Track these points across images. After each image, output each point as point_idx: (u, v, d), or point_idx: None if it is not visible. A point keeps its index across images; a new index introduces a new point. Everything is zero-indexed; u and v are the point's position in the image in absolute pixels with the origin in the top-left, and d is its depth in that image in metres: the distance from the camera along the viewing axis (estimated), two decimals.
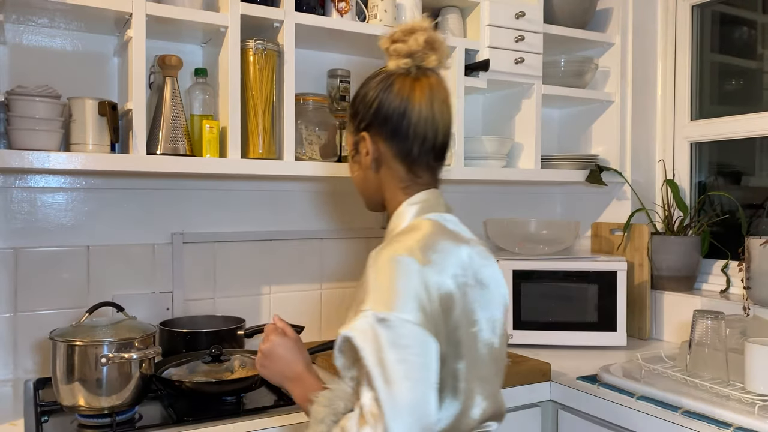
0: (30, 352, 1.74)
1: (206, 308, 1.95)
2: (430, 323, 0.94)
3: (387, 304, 0.92)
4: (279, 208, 2.07)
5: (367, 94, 1.12)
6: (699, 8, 2.28)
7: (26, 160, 1.45)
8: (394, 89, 1.09)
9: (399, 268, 0.96)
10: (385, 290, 0.94)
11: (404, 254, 0.97)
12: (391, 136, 1.10)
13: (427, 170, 1.13)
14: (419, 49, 1.09)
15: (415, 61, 1.10)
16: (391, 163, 1.12)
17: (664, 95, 2.34)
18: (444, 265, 1.00)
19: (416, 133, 1.09)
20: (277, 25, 1.72)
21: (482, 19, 2.00)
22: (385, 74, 1.12)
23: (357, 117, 1.13)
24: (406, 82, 1.09)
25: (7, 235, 1.72)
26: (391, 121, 1.09)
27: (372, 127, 1.11)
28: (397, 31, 1.11)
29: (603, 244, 2.33)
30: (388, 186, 1.13)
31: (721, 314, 1.58)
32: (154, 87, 1.71)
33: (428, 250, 0.99)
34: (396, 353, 0.90)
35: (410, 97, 1.08)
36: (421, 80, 1.10)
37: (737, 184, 2.22)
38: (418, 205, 1.10)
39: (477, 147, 2.07)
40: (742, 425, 1.36)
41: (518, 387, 1.72)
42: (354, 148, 1.16)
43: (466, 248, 1.06)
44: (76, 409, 1.41)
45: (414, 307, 0.93)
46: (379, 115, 1.10)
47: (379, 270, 0.97)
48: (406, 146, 1.10)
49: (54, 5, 1.52)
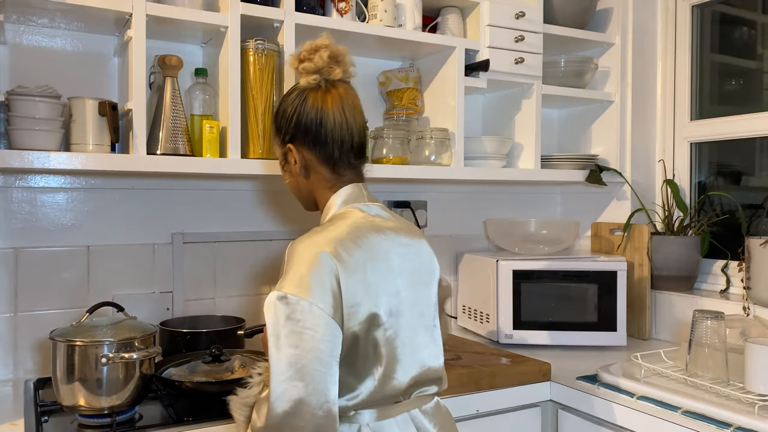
0: (30, 352, 1.74)
1: (206, 308, 1.95)
2: (329, 304, 1.06)
3: (289, 285, 1.06)
4: (279, 208, 2.07)
5: (286, 110, 1.25)
6: (699, 8, 2.28)
7: (26, 160, 1.45)
8: (308, 103, 1.22)
9: (310, 258, 1.08)
10: (292, 274, 1.07)
11: (317, 247, 1.09)
12: (313, 144, 1.23)
13: (349, 168, 1.26)
14: (324, 64, 1.21)
15: (323, 75, 1.22)
16: (317, 168, 1.25)
17: (663, 95, 2.34)
18: (355, 258, 1.11)
19: (334, 139, 1.22)
20: (277, 25, 1.73)
21: (482, 19, 2.00)
22: (299, 90, 1.24)
23: (281, 131, 1.26)
24: (318, 95, 1.22)
25: (7, 235, 1.72)
26: (311, 132, 1.22)
27: (295, 139, 1.24)
28: (303, 50, 1.23)
29: (603, 244, 2.33)
30: (317, 188, 1.26)
31: (721, 314, 1.58)
32: (154, 87, 1.71)
33: (340, 242, 1.11)
34: (289, 326, 1.04)
35: (324, 108, 1.21)
36: (330, 92, 1.22)
37: (737, 184, 2.22)
38: (341, 198, 1.24)
39: (477, 147, 2.07)
40: (742, 425, 1.36)
41: (518, 387, 1.73)
42: (283, 159, 1.28)
43: (384, 235, 1.18)
44: (77, 409, 1.41)
45: (314, 288, 1.06)
46: (299, 127, 1.23)
47: (290, 257, 1.11)
48: (327, 151, 1.23)
49: (54, 5, 1.52)
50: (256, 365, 1.22)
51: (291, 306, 1.04)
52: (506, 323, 2.02)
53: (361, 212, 1.21)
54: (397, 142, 1.91)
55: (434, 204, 2.33)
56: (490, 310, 2.07)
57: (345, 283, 1.08)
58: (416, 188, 2.30)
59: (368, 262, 1.12)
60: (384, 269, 1.14)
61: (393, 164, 1.89)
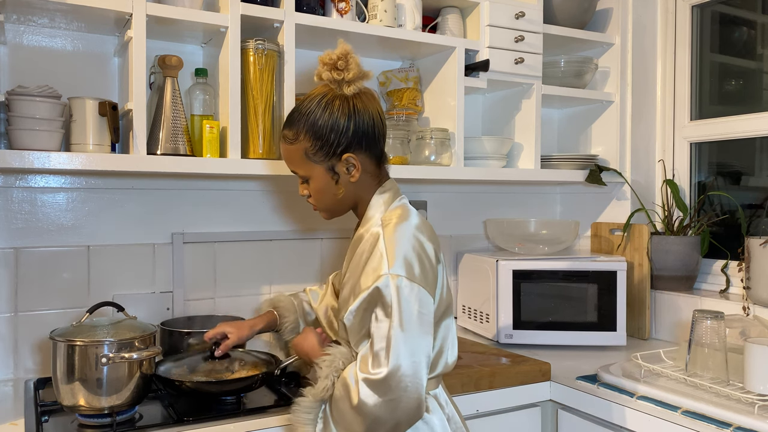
0: (30, 352, 1.74)
1: (206, 308, 1.95)
2: (431, 285, 1.20)
3: (403, 268, 1.16)
4: (279, 208, 2.07)
5: (339, 123, 1.24)
6: (699, 8, 2.28)
7: (27, 160, 1.45)
8: (360, 108, 1.25)
9: (410, 240, 1.19)
10: (402, 257, 1.17)
11: (413, 229, 1.21)
12: (368, 146, 1.27)
13: (385, 161, 1.34)
14: (361, 69, 1.25)
15: (364, 80, 1.26)
16: (369, 168, 1.29)
17: (663, 95, 2.34)
18: (433, 239, 1.25)
19: (382, 134, 1.30)
20: (277, 26, 1.73)
21: (482, 19, 2.00)
22: (342, 99, 1.25)
23: (330, 145, 1.25)
24: (363, 98, 1.27)
25: (7, 235, 1.72)
26: (368, 135, 1.26)
27: (352, 147, 1.25)
28: (336, 59, 1.24)
29: (603, 244, 2.33)
30: (365, 189, 1.30)
31: (721, 314, 1.58)
32: (154, 87, 1.71)
33: (423, 227, 1.24)
34: (412, 305, 1.15)
35: (372, 109, 1.27)
36: (367, 93, 1.28)
37: (737, 184, 2.22)
38: (388, 193, 1.30)
39: (477, 147, 2.07)
40: (741, 425, 1.36)
41: (518, 387, 1.73)
42: (329, 172, 1.28)
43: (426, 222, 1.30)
44: (77, 409, 1.41)
45: (420, 271, 1.18)
46: (357, 134, 1.25)
47: (392, 241, 1.19)
48: (378, 149, 1.30)
49: (54, 5, 1.53)
50: (320, 360, 1.25)
51: (405, 289, 1.15)
52: (506, 323, 2.02)
53: (410, 206, 1.29)
54: (397, 142, 1.91)
55: (434, 204, 2.33)
56: (490, 310, 2.07)
57: (440, 266, 1.24)
58: (416, 188, 2.30)
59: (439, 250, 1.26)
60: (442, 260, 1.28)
61: (393, 164, 1.89)
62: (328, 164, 1.26)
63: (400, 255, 1.17)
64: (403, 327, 1.14)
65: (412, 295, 1.15)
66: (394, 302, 1.14)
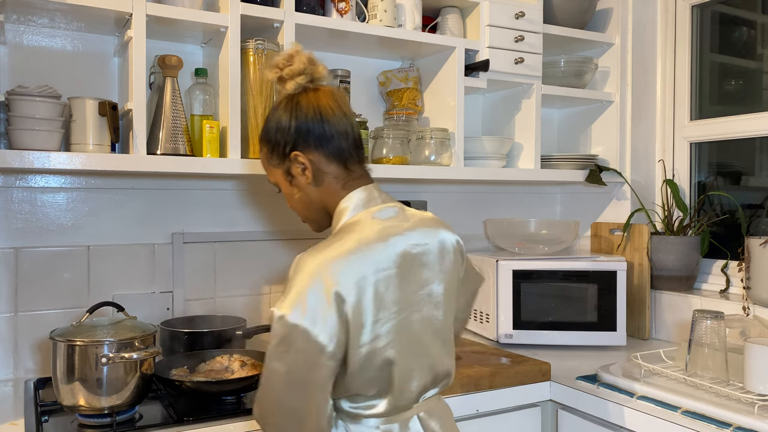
0: (30, 352, 1.74)
1: (206, 308, 1.95)
2: (327, 328, 1.04)
3: (288, 306, 1.05)
4: (279, 208, 2.07)
5: (281, 119, 1.20)
6: (699, 8, 2.28)
7: (26, 160, 1.45)
8: (303, 104, 1.19)
9: (312, 279, 1.06)
10: (293, 294, 1.06)
11: (320, 267, 1.07)
12: (319, 143, 1.18)
13: (357, 164, 1.22)
14: (306, 65, 1.19)
15: (307, 76, 1.20)
16: (327, 168, 1.20)
17: (663, 95, 2.34)
18: (360, 277, 1.07)
19: (339, 131, 1.19)
20: (277, 26, 1.73)
21: (482, 19, 2.00)
22: (287, 97, 1.21)
23: (279, 146, 1.20)
24: (309, 95, 1.20)
25: (7, 235, 1.72)
26: (314, 130, 1.18)
27: (298, 144, 1.19)
28: (279, 59, 1.20)
29: (603, 244, 2.33)
30: (330, 192, 1.21)
31: (721, 314, 1.58)
32: (154, 87, 1.71)
33: (345, 261, 1.07)
34: (283, 347, 1.05)
35: (319, 104, 1.19)
36: (320, 89, 1.21)
37: (737, 184, 2.22)
38: (352, 203, 1.19)
39: (477, 147, 2.07)
40: (741, 425, 1.36)
41: (518, 387, 1.73)
42: (286, 176, 1.22)
43: (393, 243, 1.13)
44: (77, 409, 1.41)
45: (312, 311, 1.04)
46: (300, 131, 1.18)
47: (294, 273, 1.09)
48: (334, 145, 1.19)
49: (54, 5, 1.52)
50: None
51: (287, 328, 1.04)
52: (506, 323, 2.02)
53: (372, 220, 1.16)
54: (397, 142, 1.91)
55: (434, 204, 2.33)
56: (490, 310, 2.07)
57: (349, 305, 1.05)
58: (416, 188, 2.30)
59: (372, 278, 1.08)
60: (390, 281, 1.11)
61: (393, 164, 1.89)
62: (284, 167, 1.21)
63: (295, 290, 1.06)
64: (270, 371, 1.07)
65: (293, 339, 1.04)
66: (272, 341, 1.06)
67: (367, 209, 1.18)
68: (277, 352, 1.06)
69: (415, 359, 1.15)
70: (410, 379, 1.15)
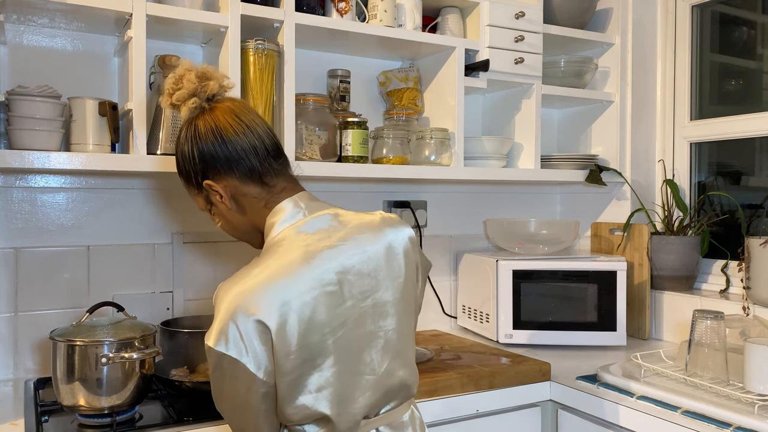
0: (30, 351, 1.74)
1: (206, 308, 1.95)
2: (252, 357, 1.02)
3: (214, 337, 1.03)
4: None
5: (184, 151, 1.14)
6: (699, 8, 2.28)
7: (26, 160, 1.45)
8: (201, 128, 1.12)
9: (233, 309, 1.02)
10: (216, 324, 1.03)
11: (241, 296, 1.03)
12: (228, 166, 1.11)
13: (276, 176, 1.15)
14: (195, 85, 1.12)
15: (201, 97, 1.13)
16: (244, 190, 1.13)
17: (663, 95, 2.34)
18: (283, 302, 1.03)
19: (243, 148, 1.11)
20: (277, 26, 1.73)
21: (482, 19, 2.00)
22: (186, 124, 1.15)
23: (192, 176, 1.15)
24: (206, 116, 1.13)
25: (7, 235, 1.72)
26: (219, 154, 1.11)
27: (208, 173, 1.13)
28: (168, 85, 1.14)
29: (603, 243, 2.33)
30: (254, 215, 1.15)
31: (721, 314, 1.58)
32: (154, 87, 1.71)
33: (262, 289, 1.03)
34: (215, 375, 1.05)
35: (217, 124, 1.11)
36: (216, 107, 1.13)
37: (737, 184, 2.22)
38: (279, 218, 1.13)
39: (477, 147, 2.07)
40: (741, 425, 1.36)
41: (518, 387, 1.73)
42: (207, 204, 1.18)
43: (324, 255, 1.08)
44: (77, 409, 1.41)
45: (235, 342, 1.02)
46: (204, 158, 1.12)
47: (216, 303, 1.07)
48: (244, 165, 1.12)
49: (54, 5, 1.52)
50: None
51: (217, 358, 1.02)
52: (506, 323, 2.03)
53: (298, 236, 1.09)
54: (397, 142, 1.91)
55: (434, 204, 2.33)
56: (490, 310, 2.07)
57: (273, 332, 1.01)
58: (416, 188, 2.30)
59: (296, 302, 1.03)
60: (319, 303, 1.04)
61: (393, 164, 1.89)
62: (203, 196, 1.17)
63: (218, 322, 1.03)
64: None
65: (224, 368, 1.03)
66: (209, 368, 1.07)
67: (292, 224, 1.12)
68: (214, 379, 1.06)
69: (356, 379, 1.08)
70: (350, 402, 1.08)
